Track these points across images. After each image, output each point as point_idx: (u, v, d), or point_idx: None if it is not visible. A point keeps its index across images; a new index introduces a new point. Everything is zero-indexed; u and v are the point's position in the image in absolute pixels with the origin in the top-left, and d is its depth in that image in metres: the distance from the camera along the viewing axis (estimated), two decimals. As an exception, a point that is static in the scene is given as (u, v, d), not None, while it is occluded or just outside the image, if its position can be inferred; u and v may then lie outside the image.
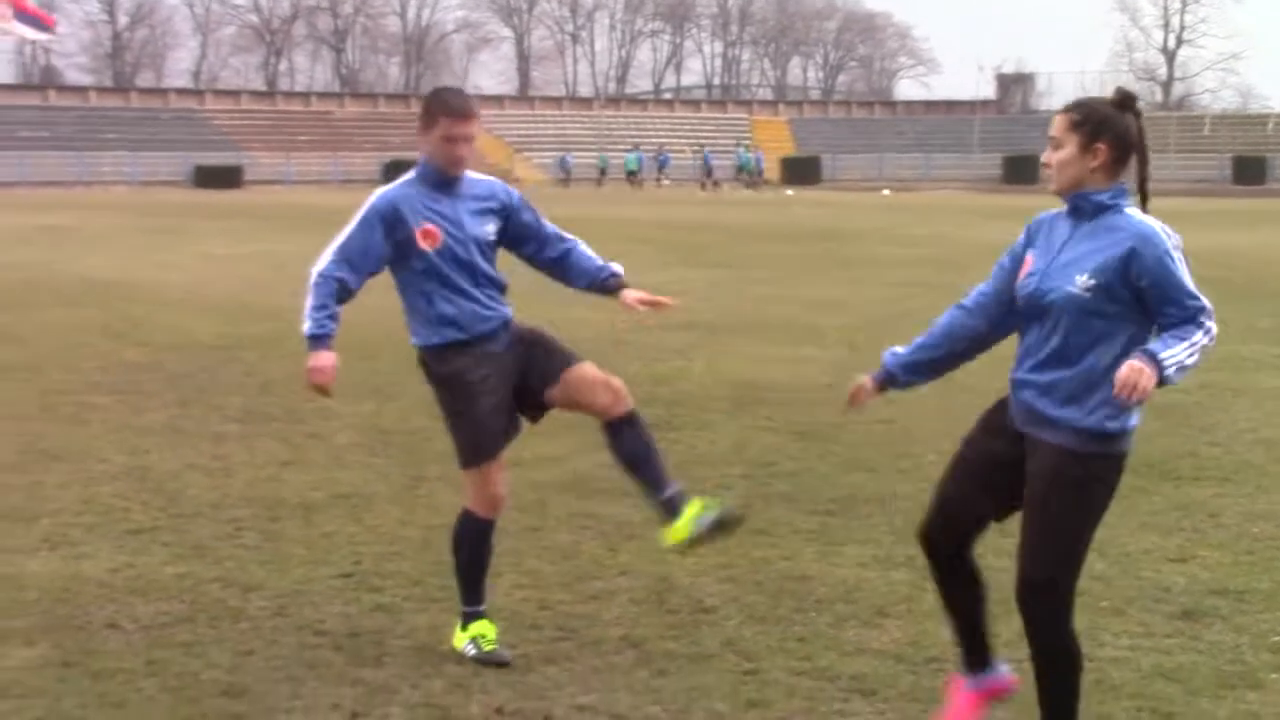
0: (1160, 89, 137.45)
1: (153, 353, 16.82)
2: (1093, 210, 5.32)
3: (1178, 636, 7.11)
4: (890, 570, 8.28)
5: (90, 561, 8.43)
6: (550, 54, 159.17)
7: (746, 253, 33.32)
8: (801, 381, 14.77)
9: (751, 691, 6.47)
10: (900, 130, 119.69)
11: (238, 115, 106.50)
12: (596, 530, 9.13)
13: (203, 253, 33.11)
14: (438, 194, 6.94)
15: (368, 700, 6.36)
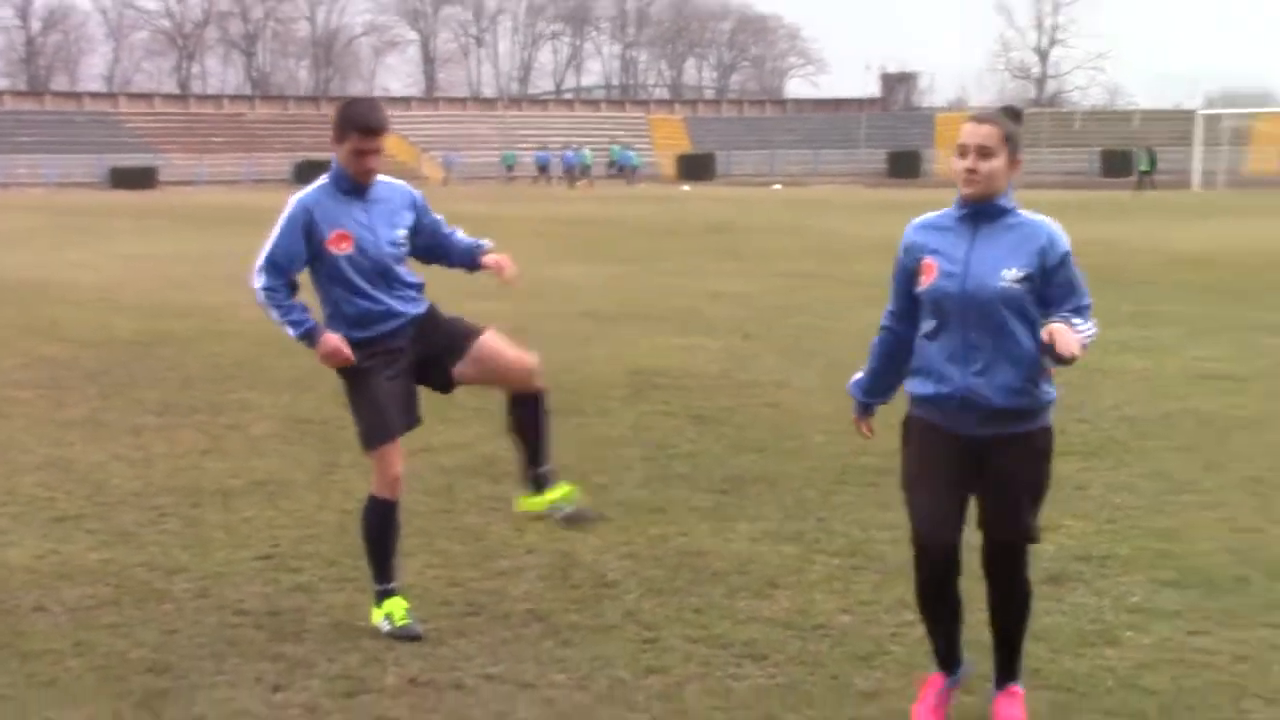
0: (1034, 86, 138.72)
1: (72, 349, 16.68)
2: (997, 213, 5.50)
3: (1044, 600, 7.22)
4: (780, 544, 8.39)
5: (16, 549, 8.41)
6: (455, 56, 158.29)
7: (645, 247, 33.35)
8: (696, 368, 14.87)
9: (650, 659, 6.55)
10: (790, 128, 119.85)
11: (151, 118, 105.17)
12: (504, 512, 9.13)
13: (119, 252, 32.73)
14: (351, 199, 7.01)
15: (288, 674, 6.40)
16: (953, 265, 5.48)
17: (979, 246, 5.48)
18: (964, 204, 5.56)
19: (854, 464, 10.24)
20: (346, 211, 6.98)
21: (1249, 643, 6.71)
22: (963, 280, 5.44)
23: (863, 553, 8.21)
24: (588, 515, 7.46)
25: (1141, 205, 54.38)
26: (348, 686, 6.26)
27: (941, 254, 5.53)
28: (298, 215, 6.96)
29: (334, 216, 6.95)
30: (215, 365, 15.24)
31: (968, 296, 5.43)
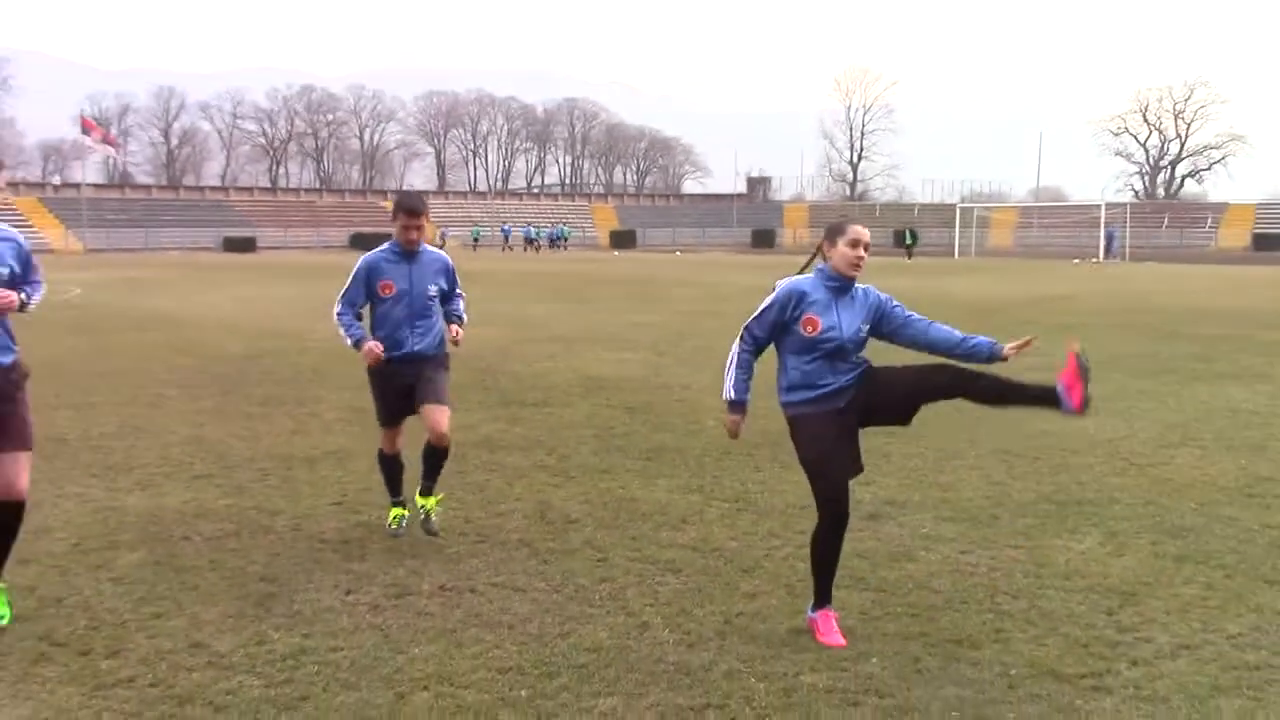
0: (849, 187, 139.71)
1: (201, 361, 16.48)
2: (847, 289, 5.66)
3: (865, 531, 7.31)
4: (688, 495, 8.40)
5: (169, 497, 8.32)
6: (459, 163, 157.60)
7: (589, 292, 33.33)
8: (626, 374, 14.88)
9: (602, 572, 6.55)
10: (686, 213, 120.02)
11: (252, 204, 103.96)
12: (500, 473, 9.15)
13: (231, 295, 32.36)
14: (401, 260, 7.09)
15: (356, 583, 6.36)
16: (831, 323, 5.55)
17: (846, 310, 5.61)
18: (836, 280, 5.61)
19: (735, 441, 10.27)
20: (398, 269, 7.03)
21: (1000, 559, 6.80)
22: (841, 332, 5.55)
23: (744, 500, 8.24)
24: (435, 530, 7.29)
25: (918, 268, 54.87)
26: (398, 591, 6.23)
27: (820, 315, 5.56)
28: (362, 269, 7.10)
29: (387, 272, 7.02)
30: (299, 372, 15.09)
31: (847, 342, 5.56)
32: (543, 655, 5.28)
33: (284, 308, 26.83)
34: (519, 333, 20.35)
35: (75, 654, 5.31)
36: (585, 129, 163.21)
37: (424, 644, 5.42)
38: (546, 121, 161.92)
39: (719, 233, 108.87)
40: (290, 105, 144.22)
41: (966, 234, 76.44)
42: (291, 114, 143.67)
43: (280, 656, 5.26)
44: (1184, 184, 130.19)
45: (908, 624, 5.70)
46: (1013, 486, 8.62)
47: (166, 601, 6.03)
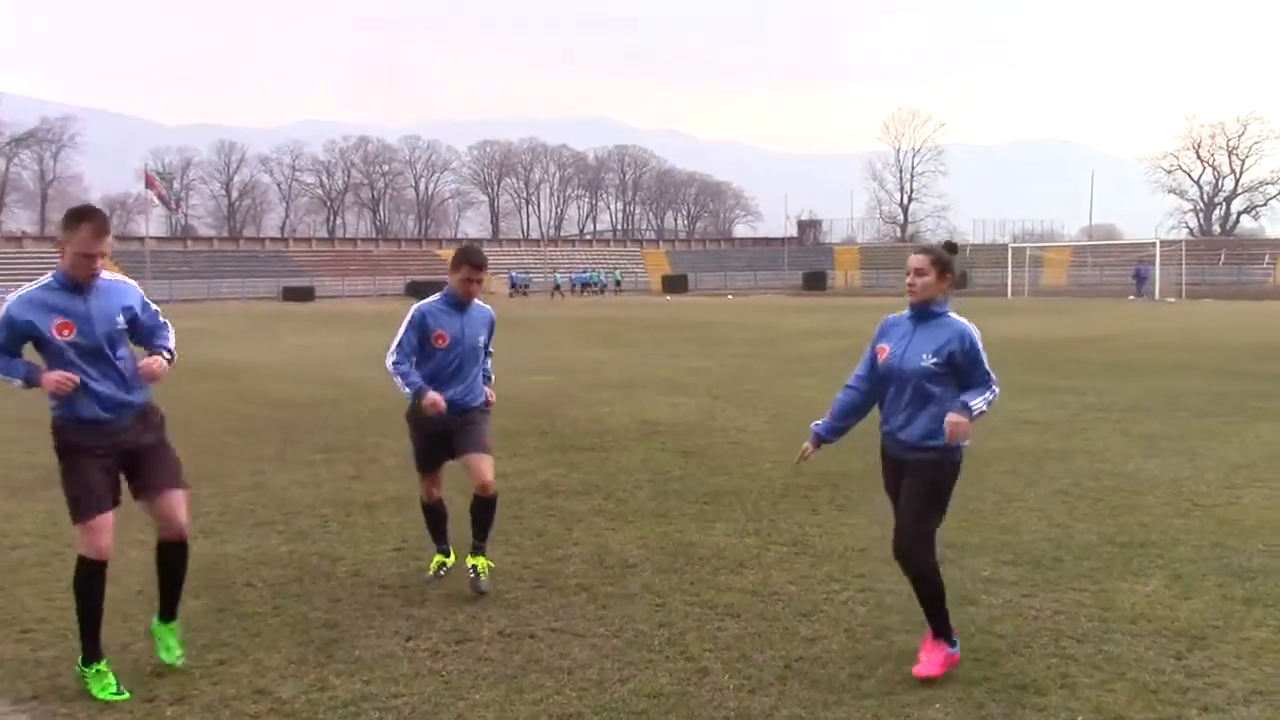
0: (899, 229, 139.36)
1: (262, 409, 16.65)
2: (930, 315, 5.55)
3: (926, 574, 7.23)
4: (745, 538, 8.34)
5: (231, 544, 8.38)
6: (512, 211, 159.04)
7: (642, 337, 33.38)
8: (681, 419, 14.84)
9: (661, 616, 6.50)
10: (737, 257, 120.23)
11: (310, 253, 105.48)
12: (557, 517, 9.13)
13: (290, 343, 32.77)
14: (454, 310, 7.14)
15: (417, 628, 6.36)
16: (897, 349, 5.54)
17: (916, 337, 5.54)
18: (912, 308, 5.61)
19: (793, 483, 10.20)
20: (451, 320, 7.08)
21: (1063, 602, 6.68)
22: (900, 359, 5.51)
23: (802, 543, 8.16)
24: (484, 589, 7.07)
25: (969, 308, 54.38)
26: (458, 636, 6.22)
27: (890, 341, 5.59)
28: (416, 318, 7.13)
29: (441, 322, 7.07)
30: (358, 419, 15.20)
31: (898, 369, 5.50)
32: (603, 701, 5.24)
33: (342, 355, 27.08)
34: (574, 378, 20.40)
35: (141, 700, 5.34)
36: (636, 175, 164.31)
37: (484, 690, 5.40)
38: (598, 169, 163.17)
39: (770, 276, 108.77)
40: (347, 157, 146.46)
41: (1019, 273, 75.78)
42: (348, 165, 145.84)
43: (342, 703, 5.26)
44: (1240, 220, 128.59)
45: (970, 669, 5.59)
46: (1075, 529, 8.48)
47: (230, 648, 6.06)
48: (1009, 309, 52.05)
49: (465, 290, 7.12)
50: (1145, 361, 22.66)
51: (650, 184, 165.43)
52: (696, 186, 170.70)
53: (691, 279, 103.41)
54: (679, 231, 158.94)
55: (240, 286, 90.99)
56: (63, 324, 5.47)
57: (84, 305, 5.53)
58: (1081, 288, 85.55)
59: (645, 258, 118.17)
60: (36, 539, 8.55)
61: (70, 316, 5.49)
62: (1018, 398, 16.55)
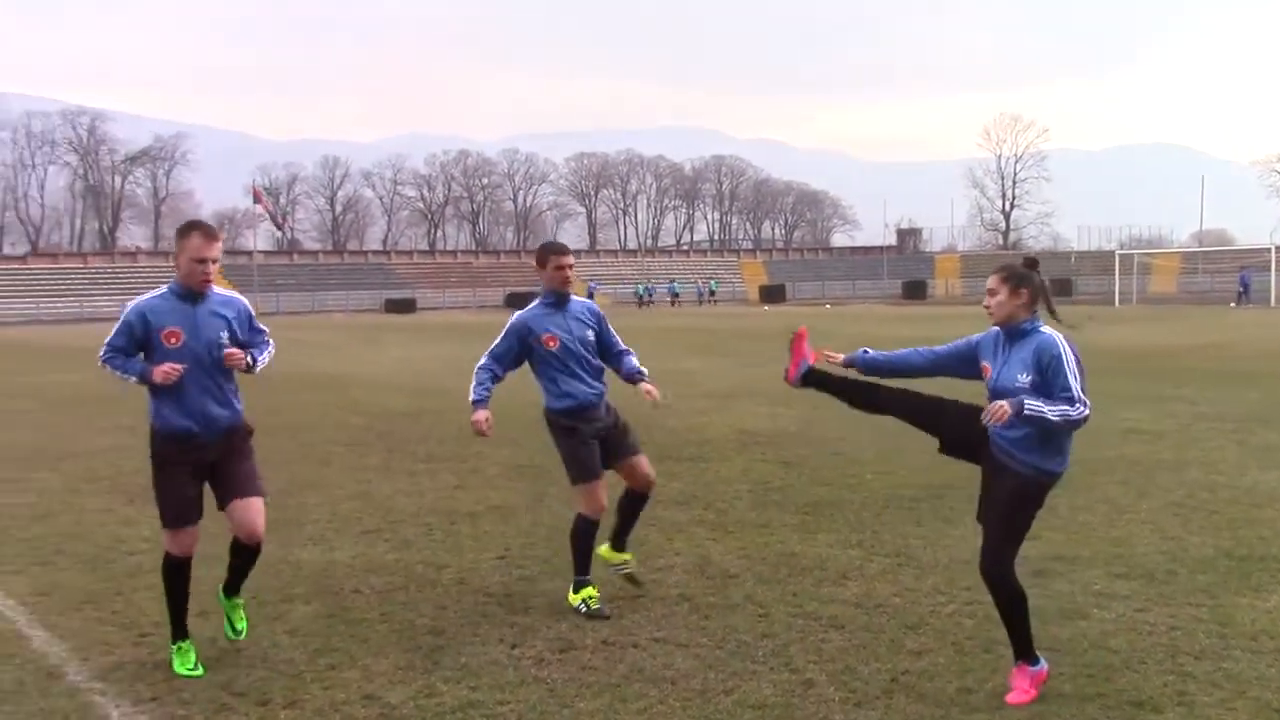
0: (1001, 236, 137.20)
1: (367, 419, 16.94)
2: (1020, 334, 5.42)
3: (1034, 589, 7.02)
4: (848, 549, 8.27)
5: (339, 551, 8.53)
6: (609, 222, 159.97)
7: (740, 347, 33.32)
8: (781, 429, 14.78)
9: (764, 628, 6.47)
10: (835, 266, 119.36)
11: (412, 266, 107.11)
12: (658, 527, 9.13)
13: (393, 355, 33.30)
14: (554, 311, 7.07)
15: (521, 636, 6.41)
16: (995, 369, 5.45)
17: (1010, 357, 5.42)
18: (998, 326, 5.52)
19: (896, 494, 10.09)
20: (553, 320, 7.03)
21: (1179, 617, 6.50)
22: (998, 379, 5.41)
23: (905, 554, 8.06)
24: (637, 579, 7.19)
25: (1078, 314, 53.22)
26: (562, 645, 6.25)
27: (992, 361, 5.49)
28: (518, 324, 7.05)
29: (545, 325, 7.01)
30: (460, 428, 15.35)
31: (1000, 389, 5.36)
32: (707, 712, 5.23)
33: (444, 366, 27.43)
34: (672, 388, 20.36)
35: (254, 704, 5.46)
36: (733, 185, 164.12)
37: (588, 699, 5.42)
38: (695, 179, 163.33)
39: (868, 285, 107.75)
40: (447, 170, 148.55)
41: (1127, 280, 74.05)
42: (449, 179, 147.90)
43: (450, 709, 5.32)
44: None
45: (1084, 685, 5.47)
46: (1189, 541, 8.25)
47: (339, 653, 6.17)
48: (1117, 317, 50.90)
49: (561, 281, 7.02)
50: (1260, 370, 21.98)
51: (747, 194, 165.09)
52: (794, 196, 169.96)
53: (789, 289, 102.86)
54: (776, 241, 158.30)
55: (344, 299, 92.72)
56: (171, 332, 5.84)
57: (193, 315, 5.90)
58: (1192, 295, 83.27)
59: (742, 268, 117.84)
60: (154, 545, 8.75)
61: (179, 325, 5.85)
62: (1127, 407, 16.17)
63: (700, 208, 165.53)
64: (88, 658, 6.18)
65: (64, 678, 5.88)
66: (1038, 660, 5.42)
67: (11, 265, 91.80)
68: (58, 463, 13.11)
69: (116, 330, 5.90)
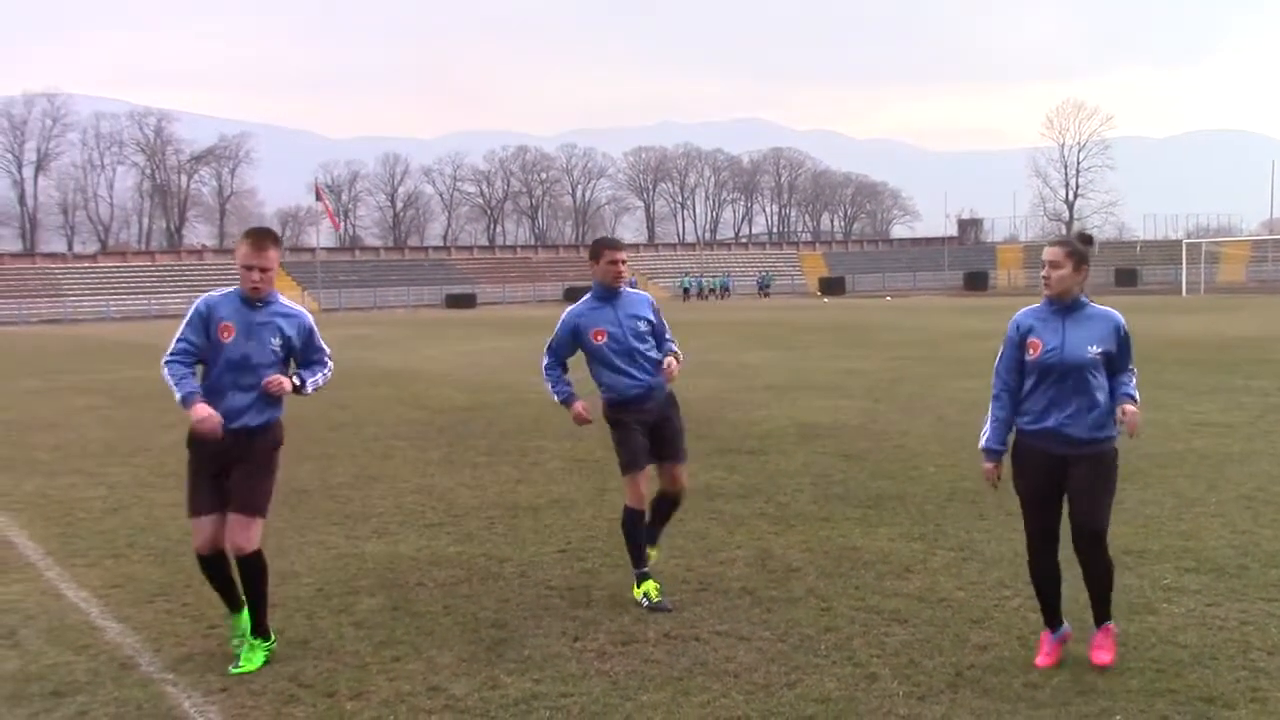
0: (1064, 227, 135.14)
1: (428, 414, 17.07)
2: (1075, 306, 5.50)
3: (1102, 582, 7.00)
4: (911, 543, 8.21)
5: (403, 545, 8.61)
6: (667, 215, 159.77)
7: (800, 339, 33.17)
8: (842, 421, 14.69)
9: (827, 621, 6.44)
10: (896, 258, 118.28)
11: (472, 261, 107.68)
12: (719, 520, 9.13)
13: (454, 349, 33.52)
14: (605, 305, 7.10)
15: (584, 629, 6.43)
16: (1054, 342, 5.49)
17: (1072, 329, 5.52)
18: (1054, 301, 5.56)
19: (959, 486, 10.01)
20: (603, 315, 7.06)
21: (1251, 612, 6.38)
22: (1061, 353, 5.47)
23: (969, 548, 7.99)
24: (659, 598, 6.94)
25: (1143, 305, 52.51)
26: (624, 637, 6.26)
27: (1043, 336, 5.53)
28: (569, 321, 7.15)
29: (594, 321, 7.05)
30: (520, 423, 15.46)
31: (1065, 362, 5.45)
32: (770, 706, 5.21)
33: (504, 360, 27.59)
34: (733, 381, 20.38)
35: (321, 695, 5.53)
36: (791, 177, 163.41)
37: (651, 691, 5.43)
38: (753, 172, 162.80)
39: (929, 277, 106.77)
40: (506, 166, 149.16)
41: (1194, 270, 72.79)
42: (507, 174, 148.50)
43: (513, 701, 5.35)
44: None
45: (1153, 679, 5.39)
46: (1261, 535, 8.09)
47: (404, 645, 6.23)
48: (1184, 307, 50.09)
49: (613, 276, 7.07)
50: (1334, 360, 21.50)
51: (806, 186, 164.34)
52: (853, 187, 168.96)
53: (849, 281, 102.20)
54: (835, 233, 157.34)
55: (405, 295, 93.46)
56: (225, 326, 5.99)
57: (249, 316, 6.02)
58: (1262, 284, 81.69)
59: (802, 260, 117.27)
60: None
61: (235, 322, 5.99)
62: (1195, 399, 15.91)
63: (759, 200, 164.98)
64: (160, 649, 6.29)
65: (137, 669, 5.98)
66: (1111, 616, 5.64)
67: (82, 264, 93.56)
68: (128, 457, 13.36)
69: (188, 322, 6.03)
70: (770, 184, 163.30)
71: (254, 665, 5.92)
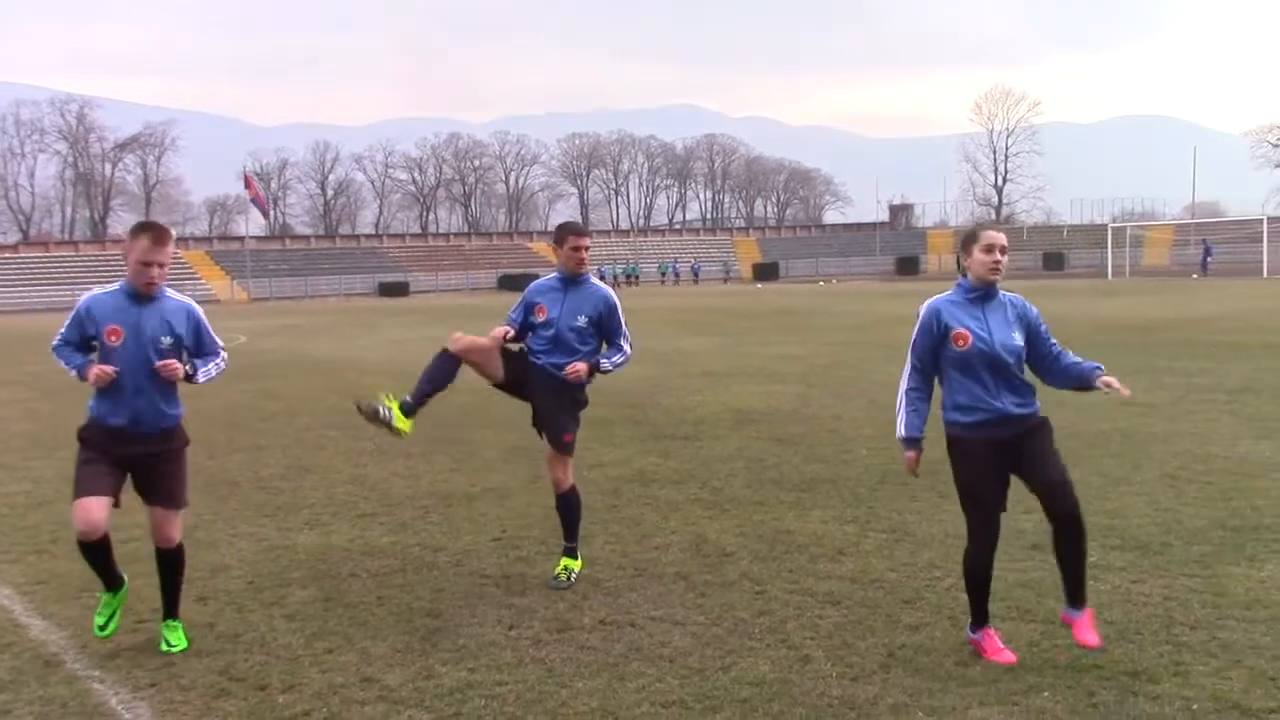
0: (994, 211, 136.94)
1: (362, 402, 16.87)
2: (991, 295, 5.57)
3: (1029, 561, 7.12)
4: (843, 525, 8.28)
5: (336, 536, 8.54)
6: (601, 202, 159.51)
7: (735, 325, 33.31)
8: (776, 406, 14.77)
9: (761, 605, 6.49)
10: (828, 244, 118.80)
11: (404, 249, 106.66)
12: (654, 506, 9.16)
13: (387, 338, 33.24)
14: (563, 288, 7.12)
15: (519, 617, 6.42)
16: (982, 332, 5.48)
17: (994, 316, 5.54)
18: (978, 288, 5.55)
19: (891, 469, 10.10)
20: (553, 296, 7.09)
21: (1174, 588, 6.52)
22: (992, 343, 5.47)
23: (901, 530, 8.08)
24: (564, 585, 7.00)
25: (1070, 288, 53.38)
26: (559, 625, 6.26)
27: (968, 326, 5.50)
28: (528, 297, 7.28)
29: (544, 297, 7.14)
30: (455, 412, 15.33)
31: (998, 352, 5.45)
32: (705, 689, 5.24)
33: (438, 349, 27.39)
34: (667, 368, 20.41)
35: (253, 688, 5.46)
36: (725, 164, 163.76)
37: (587, 678, 5.43)
38: (686, 158, 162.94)
39: (862, 262, 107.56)
40: (438, 153, 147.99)
41: (1119, 254, 74.08)
42: (440, 161, 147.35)
43: (448, 690, 5.33)
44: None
45: (1079, 656, 5.48)
46: (1183, 513, 8.27)
47: (337, 636, 6.17)
48: (1110, 290, 51.01)
49: (575, 263, 7.09)
50: (1255, 341, 22.02)
51: (739, 172, 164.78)
52: (786, 173, 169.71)
53: (782, 266, 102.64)
54: (769, 219, 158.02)
55: (337, 283, 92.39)
56: (113, 329, 5.86)
57: (137, 315, 5.89)
58: (1184, 268, 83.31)
59: (736, 246, 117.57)
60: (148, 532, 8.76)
61: (121, 324, 5.86)
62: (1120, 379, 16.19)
63: (692, 187, 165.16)
64: (85, 646, 6.18)
65: (62, 666, 5.88)
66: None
67: (3, 254, 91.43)
68: (52, 451, 13.08)
69: (69, 321, 5.95)
70: (704, 170, 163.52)
71: (184, 642, 6.04)
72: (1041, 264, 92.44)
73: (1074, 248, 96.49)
